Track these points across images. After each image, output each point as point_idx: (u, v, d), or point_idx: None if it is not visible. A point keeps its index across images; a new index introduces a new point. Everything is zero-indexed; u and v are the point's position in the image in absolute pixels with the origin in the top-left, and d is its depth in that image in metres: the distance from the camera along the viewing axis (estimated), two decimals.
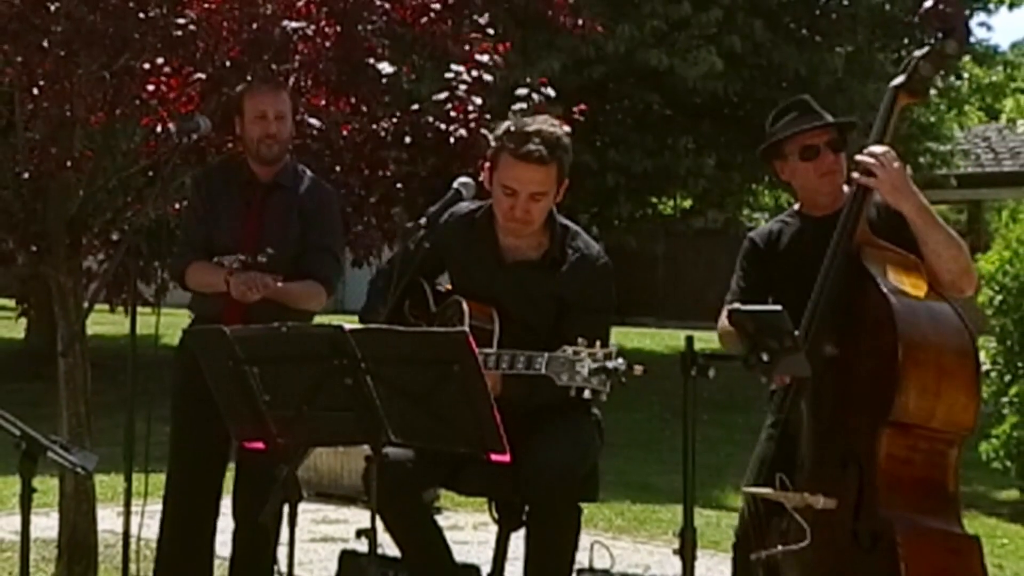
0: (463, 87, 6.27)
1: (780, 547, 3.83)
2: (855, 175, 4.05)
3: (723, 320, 4.20)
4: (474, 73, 6.39)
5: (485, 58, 6.44)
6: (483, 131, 5.95)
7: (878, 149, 4.03)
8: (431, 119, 6.17)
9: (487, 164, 4.34)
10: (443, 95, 6.25)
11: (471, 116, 6.10)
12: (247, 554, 4.94)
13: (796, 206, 4.43)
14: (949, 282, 3.98)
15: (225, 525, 5.06)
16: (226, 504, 5.04)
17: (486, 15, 6.62)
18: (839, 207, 4.18)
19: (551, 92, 6.44)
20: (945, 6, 4.11)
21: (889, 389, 3.71)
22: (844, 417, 3.88)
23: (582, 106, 6.41)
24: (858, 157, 4.06)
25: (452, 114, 6.18)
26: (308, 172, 5.17)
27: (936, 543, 3.77)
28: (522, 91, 6.50)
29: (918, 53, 4.13)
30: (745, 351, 3.48)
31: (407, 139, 6.20)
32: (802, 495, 3.75)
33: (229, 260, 4.76)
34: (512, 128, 4.19)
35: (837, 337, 3.89)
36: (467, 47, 6.45)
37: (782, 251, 4.31)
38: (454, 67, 6.34)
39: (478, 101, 6.18)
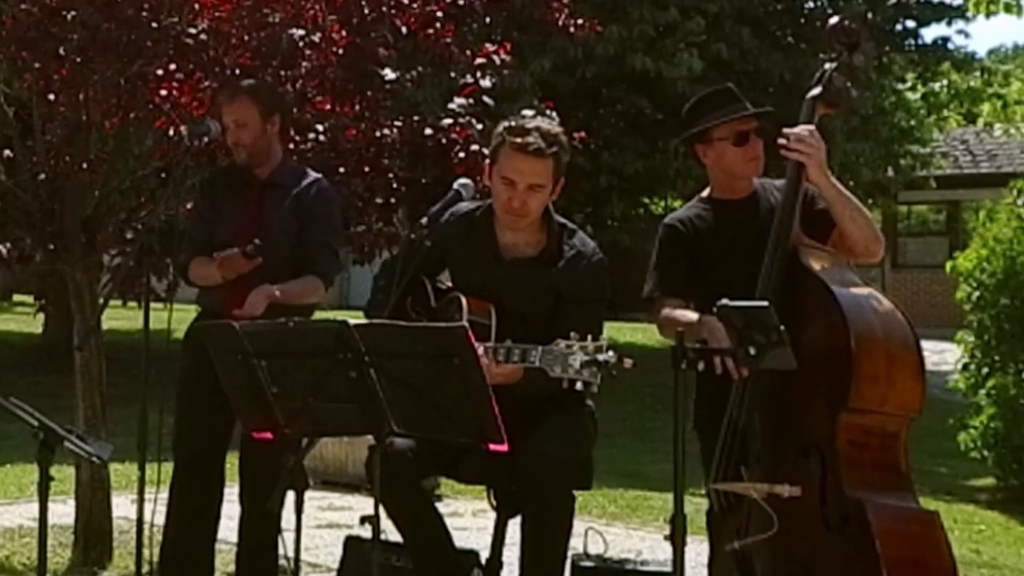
0: (465, 112, 6.24)
1: (751, 538, 3.85)
2: (785, 151, 4.07)
3: (664, 312, 4.20)
4: (483, 83, 6.37)
5: (487, 60, 6.43)
6: (483, 151, 5.93)
7: (806, 128, 4.07)
8: (431, 131, 6.15)
9: (487, 161, 4.35)
10: (447, 121, 6.20)
11: (471, 143, 6.07)
12: (254, 539, 4.93)
13: (706, 192, 4.43)
14: (863, 246, 4.10)
15: (232, 512, 5.06)
16: (233, 492, 5.04)
17: (487, 19, 6.61)
18: (752, 191, 4.29)
19: (554, 115, 6.40)
20: (850, 22, 4.23)
21: (844, 378, 3.74)
22: (799, 409, 3.89)
23: (582, 134, 6.37)
24: (787, 130, 4.08)
25: (454, 136, 6.15)
26: (309, 171, 5.14)
27: (903, 517, 3.81)
28: (528, 112, 6.45)
29: (829, 66, 4.19)
30: (733, 344, 3.50)
31: (409, 149, 6.18)
32: (769, 486, 3.75)
33: (226, 254, 4.76)
34: (512, 123, 4.22)
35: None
36: (468, 53, 6.45)
37: (704, 237, 4.30)
38: (457, 100, 6.30)
39: (479, 126, 6.16)
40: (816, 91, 4.18)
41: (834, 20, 4.25)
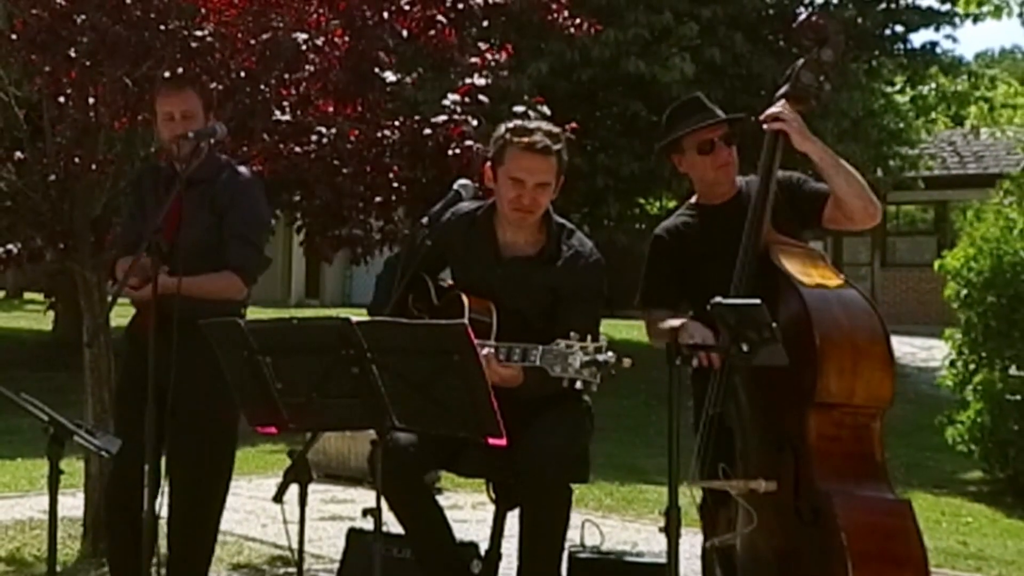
0: (460, 109, 6.23)
1: (731, 533, 3.84)
2: (766, 126, 4.07)
3: (650, 324, 4.24)
4: (477, 81, 6.37)
5: (485, 64, 6.43)
6: (477, 147, 5.92)
7: (776, 106, 4.08)
8: (430, 131, 6.14)
9: (489, 163, 4.34)
10: (442, 118, 6.19)
11: (466, 139, 6.06)
12: (183, 512, 4.64)
13: (693, 199, 4.44)
14: (861, 208, 4.05)
15: (236, 504, 5.04)
16: (237, 485, 5.02)
17: (486, 22, 6.61)
18: (735, 194, 4.28)
19: (546, 110, 6.40)
20: (818, 18, 4.21)
21: (811, 374, 3.73)
22: (774, 405, 3.89)
23: (573, 124, 6.37)
24: (764, 115, 4.09)
25: (448, 133, 6.13)
26: (233, 164, 4.89)
27: (871, 509, 3.78)
28: (519, 108, 6.43)
29: (799, 63, 4.17)
30: (727, 342, 3.50)
31: (409, 148, 6.17)
32: (745, 482, 3.75)
33: (126, 260, 4.53)
34: (514, 126, 4.25)
35: None
36: (470, 56, 6.46)
37: (690, 242, 4.32)
38: (451, 96, 6.29)
39: (474, 123, 6.15)
40: (784, 88, 4.17)
41: (802, 16, 4.24)
